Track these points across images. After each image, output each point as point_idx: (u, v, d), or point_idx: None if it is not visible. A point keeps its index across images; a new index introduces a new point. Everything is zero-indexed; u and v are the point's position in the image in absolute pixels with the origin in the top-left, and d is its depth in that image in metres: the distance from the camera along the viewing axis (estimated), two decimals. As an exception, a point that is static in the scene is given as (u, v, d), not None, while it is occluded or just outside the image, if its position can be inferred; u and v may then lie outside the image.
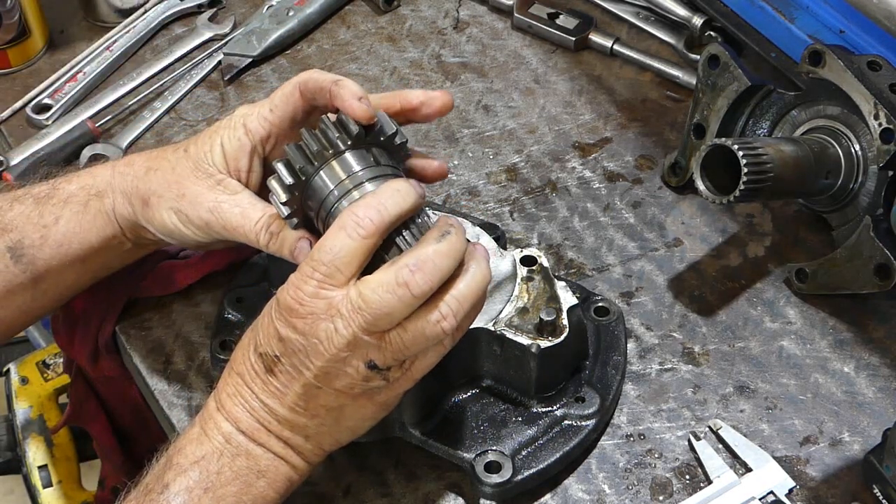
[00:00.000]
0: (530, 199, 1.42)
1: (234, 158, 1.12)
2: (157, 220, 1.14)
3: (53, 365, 1.89)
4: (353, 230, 0.98)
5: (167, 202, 1.12)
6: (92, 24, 1.66)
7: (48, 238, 1.15)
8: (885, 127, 1.22)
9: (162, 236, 1.16)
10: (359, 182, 1.03)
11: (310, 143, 1.04)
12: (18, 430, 1.83)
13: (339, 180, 1.04)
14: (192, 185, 1.12)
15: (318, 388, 1.01)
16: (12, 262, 1.14)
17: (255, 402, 1.02)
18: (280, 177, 1.05)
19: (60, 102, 1.53)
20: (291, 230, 1.08)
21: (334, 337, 0.98)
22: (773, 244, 1.37)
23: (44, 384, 1.82)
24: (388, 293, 0.96)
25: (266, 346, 1.01)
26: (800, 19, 1.40)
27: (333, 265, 0.97)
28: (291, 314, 0.98)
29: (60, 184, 1.18)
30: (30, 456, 1.80)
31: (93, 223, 1.16)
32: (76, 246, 1.16)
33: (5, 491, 2.37)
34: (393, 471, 1.18)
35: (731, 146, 1.17)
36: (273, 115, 1.12)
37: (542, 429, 1.15)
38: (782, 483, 1.15)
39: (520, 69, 1.58)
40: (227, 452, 1.01)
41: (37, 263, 1.15)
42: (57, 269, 1.16)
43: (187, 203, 1.11)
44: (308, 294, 0.98)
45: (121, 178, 1.16)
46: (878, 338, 1.28)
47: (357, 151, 1.05)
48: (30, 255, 1.15)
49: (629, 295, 1.32)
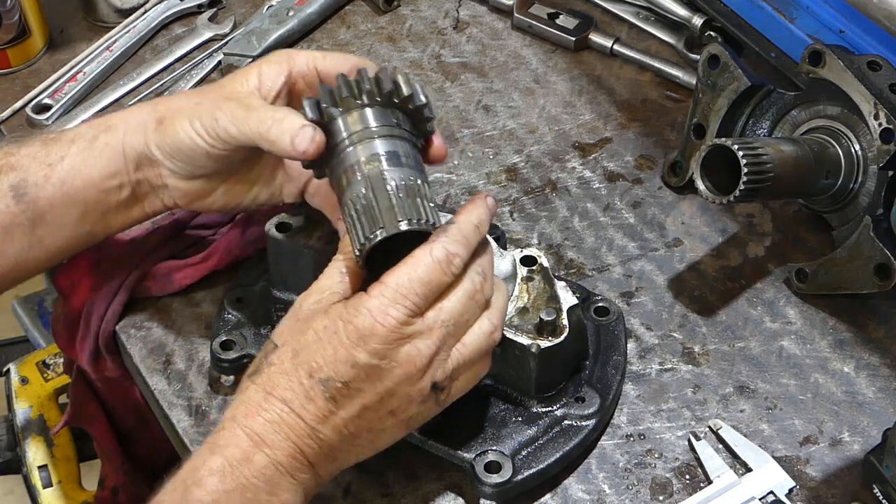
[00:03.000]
0: (530, 199, 1.42)
1: (269, 79, 1.11)
2: (168, 136, 1.10)
3: (53, 365, 1.89)
4: (447, 266, 0.99)
5: (185, 113, 1.10)
6: (92, 24, 1.66)
7: (51, 176, 1.13)
8: (885, 127, 1.22)
9: (169, 161, 1.12)
10: (370, 136, 1.03)
11: (342, 88, 1.05)
12: (18, 430, 1.83)
13: (355, 130, 1.04)
14: (215, 95, 1.11)
15: (374, 409, 0.99)
16: (13, 202, 1.12)
17: (303, 429, 0.98)
18: (304, 111, 1.04)
19: (60, 102, 1.53)
20: (296, 116, 1.05)
21: (416, 358, 0.98)
22: (773, 244, 1.37)
23: (44, 384, 1.82)
24: (468, 299, 1.00)
25: (331, 372, 0.97)
26: (800, 19, 1.40)
27: (426, 297, 0.98)
28: (373, 340, 0.97)
29: (69, 130, 1.17)
30: (30, 456, 1.80)
31: (98, 158, 1.13)
32: (78, 183, 1.13)
33: (5, 491, 2.37)
34: (393, 471, 1.18)
35: (731, 146, 1.17)
36: (324, 63, 1.13)
37: (542, 429, 1.15)
38: (782, 483, 1.15)
39: (520, 69, 1.58)
40: (252, 488, 0.96)
41: (38, 203, 1.12)
42: (58, 211, 1.13)
43: (205, 109, 1.09)
44: (399, 321, 0.97)
45: (137, 111, 1.14)
46: (878, 338, 1.28)
47: (382, 109, 1.05)
48: (32, 193, 1.12)
49: (629, 295, 1.32)
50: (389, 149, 1.03)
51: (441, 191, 1.43)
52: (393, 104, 1.05)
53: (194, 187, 1.15)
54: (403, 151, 1.04)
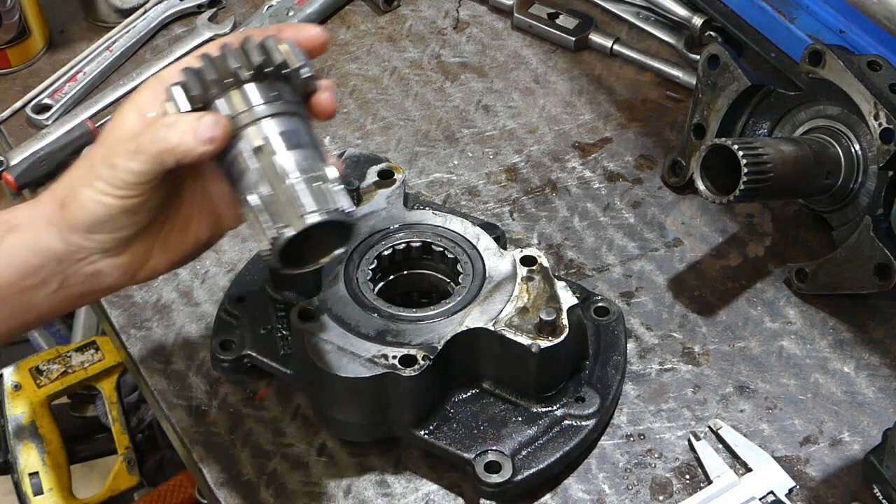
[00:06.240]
0: (530, 199, 1.42)
1: (148, 107, 1.02)
2: (78, 213, 1.01)
3: (47, 371, 1.88)
4: None
5: (82, 182, 1.01)
6: (92, 24, 1.66)
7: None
8: (885, 127, 1.22)
9: (90, 240, 1.02)
10: (255, 118, 0.96)
11: (209, 70, 0.97)
12: (10, 436, 1.82)
13: (236, 112, 0.96)
14: (102, 150, 1.02)
15: None
16: None
17: None
18: (175, 102, 0.97)
19: (60, 102, 1.53)
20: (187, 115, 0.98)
21: None
22: (773, 244, 1.37)
23: (36, 391, 1.81)
24: None
25: None
26: (800, 19, 1.40)
27: None
28: None
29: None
30: (21, 462, 1.79)
31: (8, 260, 1.04)
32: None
33: (4, 492, 2.36)
34: (393, 471, 1.18)
35: (731, 146, 1.17)
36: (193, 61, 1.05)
37: (542, 429, 1.15)
38: (782, 483, 1.15)
39: (520, 69, 1.58)
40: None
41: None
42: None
43: (99, 166, 1.00)
44: None
45: (37, 205, 1.05)
46: (878, 338, 1.28)
47: (259, 84, 0.96)
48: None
49: (629, 295, 1.32)
50: (280, 128, 0.95)
51: (441, 191, 1.43)
52: (268, 75, 0.96)
53: (128, 258, 1.05)
54: (294, 128, 0.96)
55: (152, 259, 1.06)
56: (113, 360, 1.81)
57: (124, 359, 1.33)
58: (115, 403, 1.84)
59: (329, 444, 1.20)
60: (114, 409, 1.83)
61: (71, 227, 1.01)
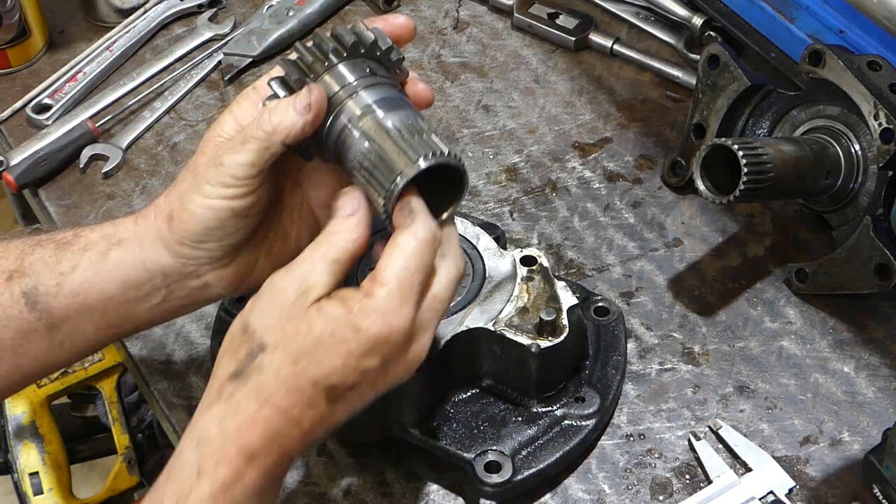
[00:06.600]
0: (530, 199, 1.42)
1: (245, 116, 1.04)
2: (187, 224, 1.02)
3: (46, 371, 1.89)
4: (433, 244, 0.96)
5: (190, 191, 1.02)
6: (92, 24, 1.66)
7: (63, 286, 1.06)
8: (885, 127, 1.22)
9: (201, 250, 1.03)
10: (354, 91, 0.99)
11: (305, 55, 1.01)
12: (11, 436, 1.82)
13: (335, 91, 0.99)
14: (205, 157, 1.03)
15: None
16: (27, 308, 1.06)
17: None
18: (276, 93, 1.00)
19: (60, 102, 1.53)
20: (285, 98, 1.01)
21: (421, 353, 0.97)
22: (773, 244, 1.37)
23: (36, 391, 1.81)
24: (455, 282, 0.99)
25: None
26: (800, 19, 1.40)
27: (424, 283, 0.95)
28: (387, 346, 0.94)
29: (83, 231, 1.09)
30: (21, 462, 1.79)
31: (113, 273, 1.06)
32: (94, 296, 1.06)
33: (4, 492, 2.36)
34: (393, 471, 1.18)
35: (731, 146, 1.17)
36: None
37: (542, 429, 1.15)
38: (782, 483, 1.15)
39: (520, 69, 1.58)
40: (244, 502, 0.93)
41: (53, 312, 1.06)
42: (74, 321, 1.07)
43: (205, 170, 1.01)
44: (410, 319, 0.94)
45: (143, 220, 1.06)
46: (878, 338, 1.28)
47: (353, 61, 1.00)
48: (44, 302, 1.06)
49: (629, 295, 1.32)
50: (377, 97, 0.99)
51: (441, 191, 1.43)
52: (360, 55, 1.01)
53: (235, 269, 1.06)
54: (391, 95, 1.00)
55: (257, 268, 1.07)
56: (113, 360, 1.81)
57: (124, 358, 1.33)
58: (115, 403, 1.84)
59: (329, 444, 1.20)
60: (114, 409, 1.84)
61: (180, 238, 1.03)
